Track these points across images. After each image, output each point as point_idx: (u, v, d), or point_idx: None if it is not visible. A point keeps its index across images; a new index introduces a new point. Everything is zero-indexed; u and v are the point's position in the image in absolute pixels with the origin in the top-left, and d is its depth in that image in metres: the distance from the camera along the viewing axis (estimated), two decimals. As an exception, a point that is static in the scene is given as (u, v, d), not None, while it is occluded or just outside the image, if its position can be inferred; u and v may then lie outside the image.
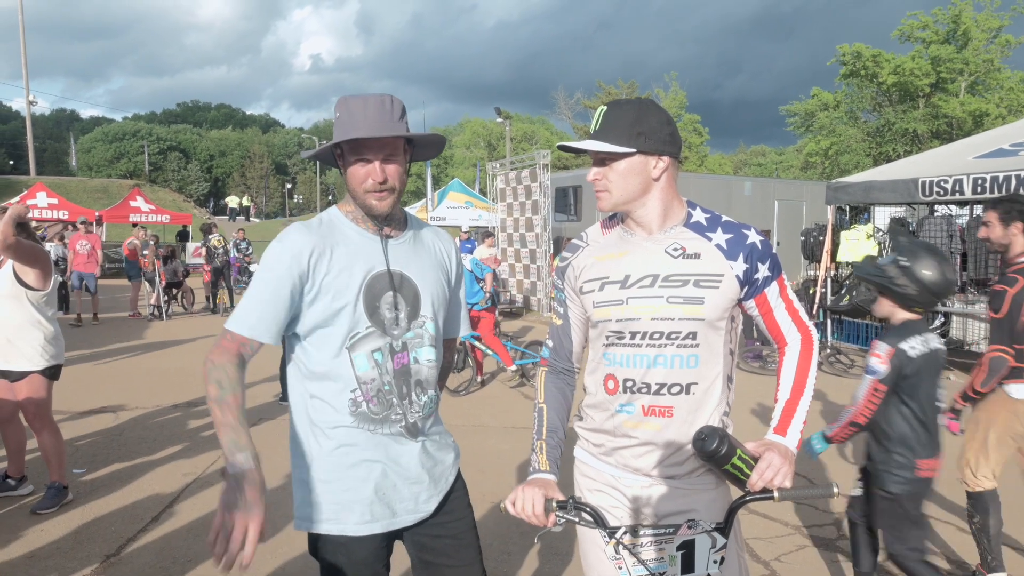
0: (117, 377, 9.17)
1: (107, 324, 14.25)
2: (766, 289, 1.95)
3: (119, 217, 27.13)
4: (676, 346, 1.88)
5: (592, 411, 2.04)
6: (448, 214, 20.80)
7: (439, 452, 2.15)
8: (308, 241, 1.95)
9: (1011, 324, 3.61)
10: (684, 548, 1.81)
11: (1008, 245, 3.76)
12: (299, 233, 1.97)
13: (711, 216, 1.98)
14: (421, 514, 2.09)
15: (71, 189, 36.13)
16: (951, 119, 31.97)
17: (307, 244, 1.94)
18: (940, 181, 9.30)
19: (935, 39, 32.61)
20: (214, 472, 5.55)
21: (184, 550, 4.21)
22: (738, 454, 1.75)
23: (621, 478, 1.99)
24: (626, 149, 1.85)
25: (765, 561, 4.15)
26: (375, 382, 2.00)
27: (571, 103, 51.85)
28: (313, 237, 1.96)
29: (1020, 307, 3.59)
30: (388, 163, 1.95)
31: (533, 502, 1.80)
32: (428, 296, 2.09)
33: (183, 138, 79.26)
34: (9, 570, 3.92)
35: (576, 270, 2.05)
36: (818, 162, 36.98)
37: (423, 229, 2.22)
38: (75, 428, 6.60)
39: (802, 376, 1.98)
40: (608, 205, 1.93)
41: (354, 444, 1.99)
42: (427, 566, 2.15)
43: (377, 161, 1.94)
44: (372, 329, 1.99)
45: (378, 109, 1.92)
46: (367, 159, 1.94)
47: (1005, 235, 3.76)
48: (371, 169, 1.94)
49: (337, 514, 2.00)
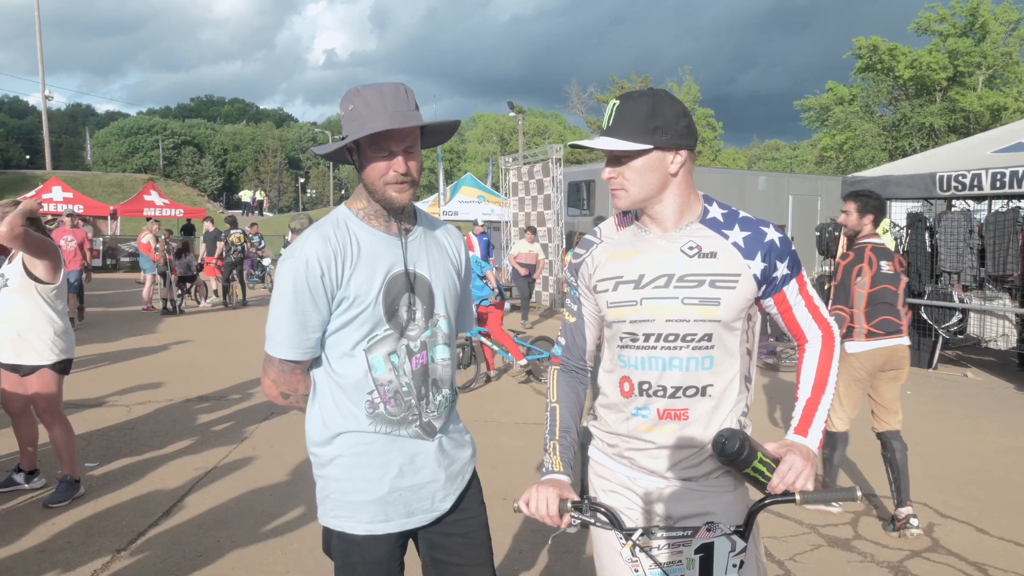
0: (130, 371, 9.19)
1: (120, 318, 14.30)
2: (785, 287, 1.89)
3: (133, 211, 27.31)
4: (691, 348, 1.83)
5: (606, 412, 2.00)
6: (461, 208, 20.79)
7: (456, 450, 2.11)
8: (326, 251, 1.90)
9: (845, 289, 4.58)
10: (702, 551, 1.76)
11: (859, 231, 4.75)
12: (317, 243, 1.91)
13: (728, 212, 1.92)
14: (437, 513, 2.05)
15: (86, 183, 36.30)
16: (968, 113, 31.65)
17: (326, 254, 1.89)
18: (958, 176, 9.17)
19: (952, 32, 32.26)
20: (225, 467, 5.54)
21: (195, 545, 4.19)
22: (759, 456, 1.70)
23: (636, 479, 1.94)
24: (643, 146, 1.78)
25: (779, 561, 4.10)
26: (392, 384, 1.96)
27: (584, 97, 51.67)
28: (330, 246, 1.91)
29: (850, 275, 4.58)
30: (409, 154, 1.91)
31: (547, 502, 1.76)
32: (441, 293, 2.05)
33: (197, 133, 79.50)
34: (20, 564, 3.91)
35: (590, 267, 1.99)
36: (833, 157, 36.70)
37: (432, 224, 2.17)
38: (87, 422, 6.61)
39: (823, 374, 1.92)
40: (625, 204, 1.87)
41: (370, 444, 1.96)
42: (437, 563, 2.11)
43: (400, 153, 1.89)
44: (390, 332, 1.96)
45: (395, 99, 1.87)
46: (390, 151, 1.88)
47: (859, 223, 4.74)
48: (394, 161, 1.89)
49: (351, 512, 1.97)
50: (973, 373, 9.63)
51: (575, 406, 2.04)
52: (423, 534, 2.09)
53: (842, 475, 5.41)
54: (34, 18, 40.15)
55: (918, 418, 7.35)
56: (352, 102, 1.88)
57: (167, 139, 73.46)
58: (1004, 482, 5.47)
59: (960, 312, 9.52)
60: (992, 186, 8.82)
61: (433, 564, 2.12)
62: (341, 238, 1.94)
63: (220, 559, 4.04)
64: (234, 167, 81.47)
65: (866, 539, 4.42)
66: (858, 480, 5.44)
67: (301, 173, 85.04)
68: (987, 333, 9.49)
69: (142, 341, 11.60)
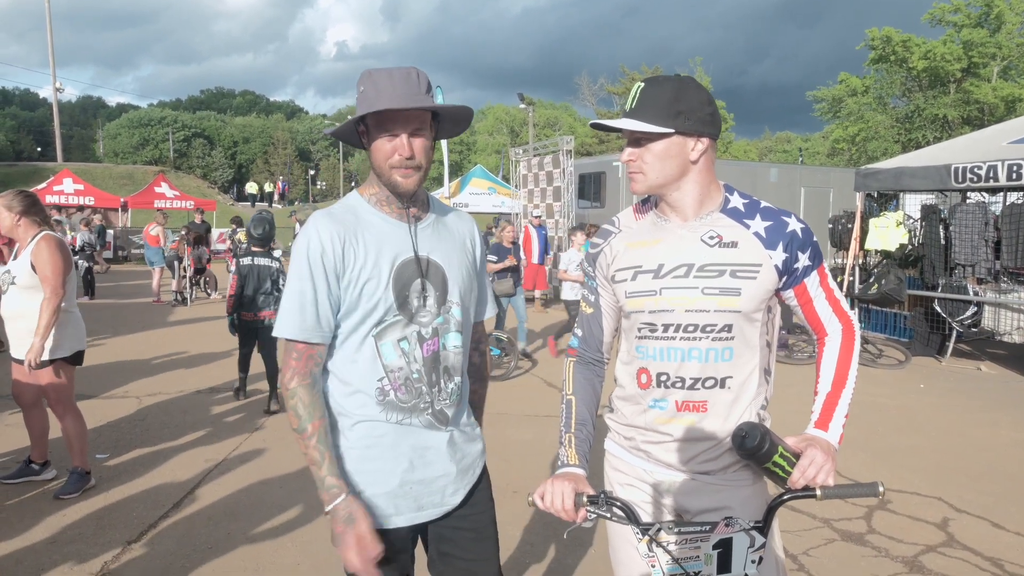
0: (140, 363, 9.21)
1: (130, 309, 14.35)
2: (806, 279, 1.86)
3: (144, 203, 27.36)
4: (711, 339, 1.80)
5: (623, 404, 1.96)
6: (471, 200, 20.75)
7: (467, 443, 2.08)
8: (335, 230, 1.87)
9: None
10: (720, 547, 1.73)
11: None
12: (325, 222, 1.89)
13: (749, 202, 1.88)
14: (447, 507, 2.03)
15: (97, 175, 36.41)
16: (983, 105, 31.37)
17: (335, 232, 1.87)
18: (973, 167, 9.08)
19: (967, 23, 31.97)
20: (235, 458, 5.54)
21: (205, 537, 4.19)
22: (779, 451, 1.66)
23: (653, 472, 1.90)
24: (664, 129, 1.75)
25: (793, 555, 4.06)
26: (403, 371, 1.93)
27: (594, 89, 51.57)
28: (338, 225, 1.88)
29: None
30: (415, 138, 1.87)
31: (563, 496, 1.73)
32: (455, 281, 2.02)
33: (207, 125, 79.67)
34: (31, 555, 3.91)
35: (608, 257, 1.96)
36: (845, 148, 36.47)
37: (445, 211, 2.14)
38: (99, 413, 6.62)
39: (844, 368, 1.89)
40: (642, 188, 1.84)
41: (381, 435, 1.93)
42: (443, 557, 2.09)
43: (404, 135, 1.86)
44: (399, 317, 1.92)
45: (404, 81, 1.84)
46: (394, 133, 1.85)
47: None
48: (398, 143, 1.86)
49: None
50: (987, 367, 9.54)
51: (591, 399, 2.00)
52: (432, 527, 2.06)
53: (860, 470, 5.36)
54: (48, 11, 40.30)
55: (931, 411, 7.30)
56: (364, 84, 1.86)
57: (178, 131, 73.64)
58: (1019, 476, 5.41)
59: (975, 305, 9.43)
60: (1008, 178, 8.72)
61: (440, 557, 2.09)
62: (350, 222, 1.91)
63: (231, 551, 4.03)
64: (244, 159, 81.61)
65: (880, 533, 4.38)
66: (873, 475, 5.39)
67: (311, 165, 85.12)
68: (1002, 326, 9.38)
69: (152, 333, 11.64)
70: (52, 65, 41.20)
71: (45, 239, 4.57)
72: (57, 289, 4.48)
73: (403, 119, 1.85)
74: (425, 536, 2.09)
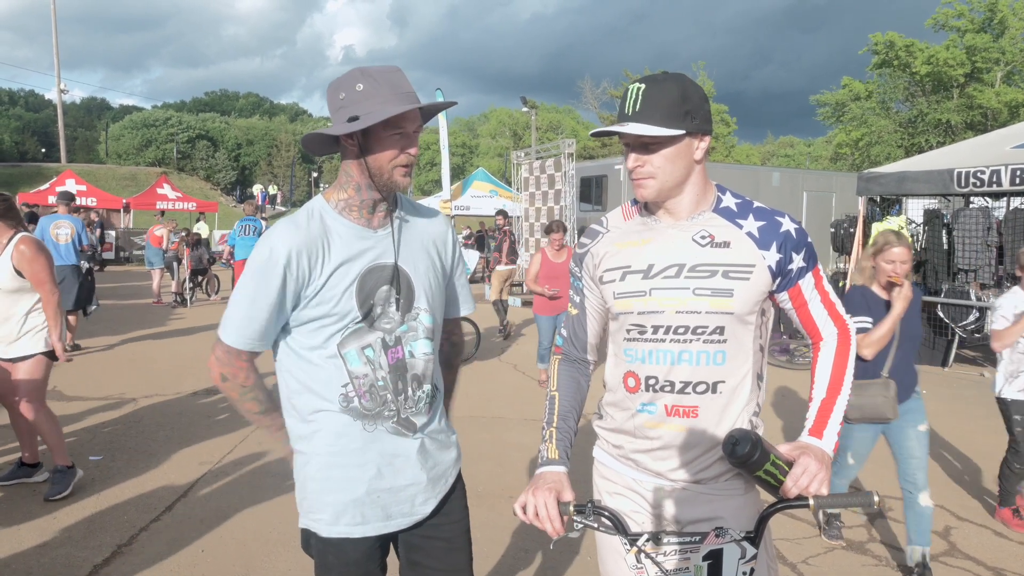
0: (138, 364, 9.16)
1: (129, 311, 14.31)
2: (800, 281, 1.81)
3: (146, 204, 27.38)
4: (702, 342, 1.74)
5: (612, 409, 1.91)
6: (473, 203, 20.73)
7: (439, 451, 2.03)
8: (297, 241, 1.82)
9: None
10: (711, 558, 1.68)
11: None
12: (287, 232, 1.84)
13: (742, 202, 1.83)
14: (417, 517, 1.98)
15: (100, 176, 36.50)
16: (986, 110, 31.30)
17: (296, 244, 1.82)
18: (976, 172, 9.02)
19: (970, 28, 31.92)
20: (230, 462, 5.49)
21: (197, 541, 4.13)
22: (771, 459, 1.61)
23: (642, 481, 1.85)
24: (676, 131, 1.68)
25: (792, 564, 4.00)
26: (367, 377, 1.89)
27: (597, 92, 51.50)
28: (301, 235, 1.83)
29: None
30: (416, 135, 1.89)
31: (546, 507, 1.67)
32: (422, 287, 1.97)
33: (211, 126, 79.63)
34: (20, 560, 3.86)
35: (595, 257, 1.91)
36: (848, 153, 36.41)
37: (417, 213, 2.08)
38: (94, 415, 6.58)
39: (839, 374, 1.83)
40: (652, 194, 1.77)
41: (347, 442, 1.89)
42: (414, 566, 2.04)
43: (414, 133, 1.86)
44: (362, 325, 1.88)
45: (402, 80, 1.82)
46: (406, 133, 1.83)
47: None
48: (408, 143, 1.84)
49: (327, 513, 1.91)
50: (990, 373, 9.47)
51: (575, 394, 1.96)
52: (403, 536, 2.02)
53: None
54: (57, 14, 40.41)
55: (933, 418, 7.17)
56: (360, 82, 1.80)
57: (181, 133, 73.68)
58: (1022, 484, 5.33)
59: (977, 311, 9.36)
60: (1011, 182, 8.67)
61: (410, 566, 2.05)
62: (313, 230, 1.86)
63: (222, 556, 3.98)
64: (248, 161, 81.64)
65: (881, 542, 4.32)
66: (874, 482, 5.33)
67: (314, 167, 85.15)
68: (1005, 332, 9.31)
69: (151, 334, 11.60)
70: (57, 67, 41.35)
71: (24, 242, 4.53)
72: (53, 288, 4.53)
73: (413, 117, 1.83)
74: (395, 544, 2.05)
